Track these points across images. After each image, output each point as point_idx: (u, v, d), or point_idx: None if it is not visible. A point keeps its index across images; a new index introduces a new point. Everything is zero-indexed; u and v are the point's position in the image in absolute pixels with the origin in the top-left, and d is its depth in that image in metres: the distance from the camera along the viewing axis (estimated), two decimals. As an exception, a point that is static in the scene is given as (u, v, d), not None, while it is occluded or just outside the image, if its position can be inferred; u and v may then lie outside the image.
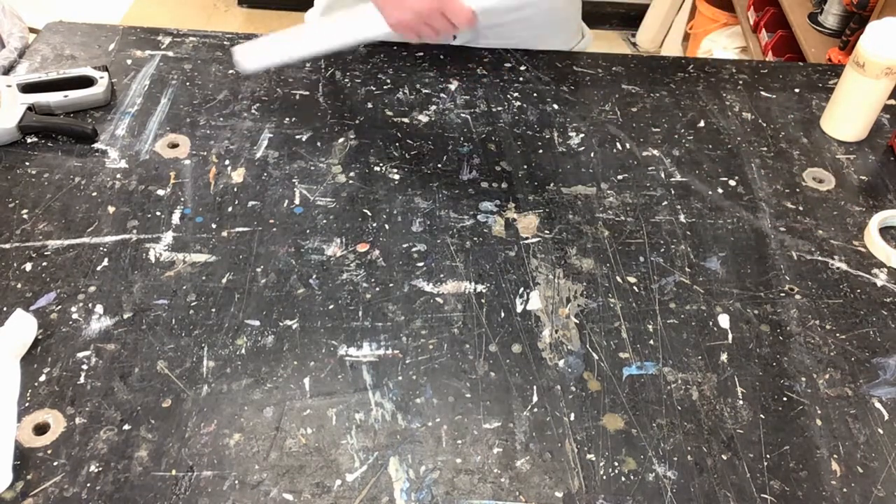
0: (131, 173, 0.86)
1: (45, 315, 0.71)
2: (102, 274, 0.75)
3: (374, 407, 0.67)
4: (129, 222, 0.80)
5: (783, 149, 0.97)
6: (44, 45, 1.03)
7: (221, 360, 0.69)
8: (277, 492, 0.60)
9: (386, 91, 1.00)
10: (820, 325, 0.76)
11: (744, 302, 0.78)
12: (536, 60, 1.08)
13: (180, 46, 1.05)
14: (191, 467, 0.61)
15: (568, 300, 0.77)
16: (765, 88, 1.07)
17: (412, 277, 0.77)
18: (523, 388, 0.69)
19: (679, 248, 0.83)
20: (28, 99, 0.89)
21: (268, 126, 0.93)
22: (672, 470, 0.64)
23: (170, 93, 0.97)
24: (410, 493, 0.61)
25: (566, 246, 0.82)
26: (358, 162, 0.90)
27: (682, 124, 1.00)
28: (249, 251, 0.78)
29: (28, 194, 0.82)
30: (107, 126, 0.91)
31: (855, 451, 0.66)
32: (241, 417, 0.65)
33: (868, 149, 0.98)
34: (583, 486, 0.62)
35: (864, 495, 0.63)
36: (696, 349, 0.73)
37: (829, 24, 2.04)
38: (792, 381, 0.71)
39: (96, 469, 0.61)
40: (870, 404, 0.70)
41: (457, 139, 0.94)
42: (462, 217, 0.84)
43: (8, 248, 0.76)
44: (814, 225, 0.87)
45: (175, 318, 0.72)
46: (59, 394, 0.65)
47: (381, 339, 0.72)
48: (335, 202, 0.85)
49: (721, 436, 0.66)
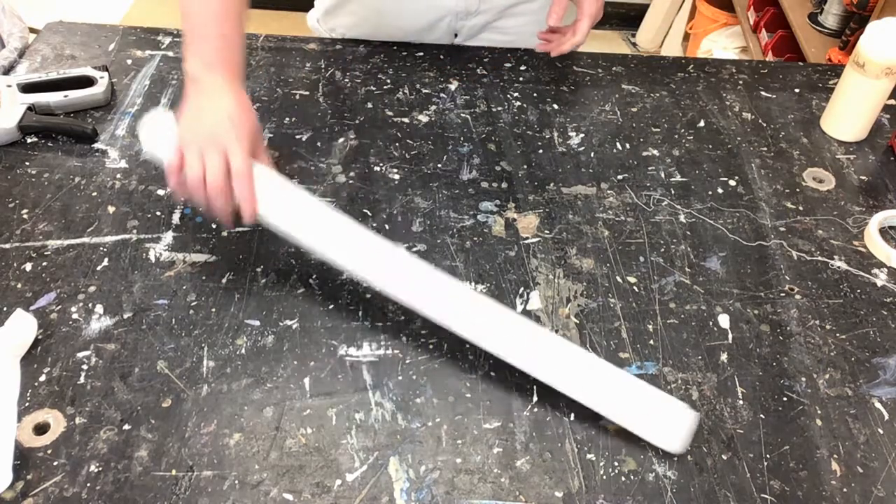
0: (131, 173, 0.86)
1: (45, 315, 0.71)
2: (102, 274, 0.75)
3: (374, 407, 0.67)
4: (129, 222, 0.80)
5: (783, 149, 0.97)
6: (44, 45, 1.03)
7: (221, 360, 0.69)
8: (277, 492, 0.60)
9: (386, 91, 1.00)
10: (820, 325, 0.76)
11: (744, 302, 0.78)
12: (536, 60, 1.08)
13: (180, 46, 1.05)
14: (191, 467, 0.61)
15: (568, 300, 0.77)
16: (765, 88, 1.07)
17: (412, 277, 0.77)
18: (523, 388, 0.69)
19: (679, 248, 0.83)
20: (28, 99, 0.89)
21: (268, 126, 0.93)
22: (672, 470, 0.64)
23: (170, 93, 0.97)
24: (410, 493, 0.61)
25: (566, 246, 0.82)
26: (358, 162, 0.90)
27: (682, 124, 1.00)
28: (249, 251, 0.78)
29: (28, 194, 0.82)
30: (107, 126, 0.91)
31: (855, 451, 0.66)
32: (241, 417, 0.65)
33: (868, 149, 0.98)
34: (583, 485, 0.62)
35: (864, 495, 0.63)
36: (696, 349, 0.73)
37: (829, 24, 2.04)
38: (792, 381, 0.71)
39: (96, 469, 0.61)
40: (870, 404, 0.70)
41: (457, 139, 0.94)
42: (462, 217, 0.84)
43: (8, 248, 0.76)
44: (814, 225, 0.87)
45: (175, 318, 0.72)
46: (59, 394, 0.65)
47: (381, 339, 0.72)
48: (335, 202, 0.85)
49: (721, 436, 0.66)
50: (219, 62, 0.72)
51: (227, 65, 0.72)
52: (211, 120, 0.69)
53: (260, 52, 1.05)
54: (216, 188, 0.67)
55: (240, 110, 0.70)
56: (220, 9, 0.73)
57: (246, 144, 0.69)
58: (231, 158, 0.68)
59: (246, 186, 0.68)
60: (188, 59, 0.72)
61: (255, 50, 1.05)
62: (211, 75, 0.71)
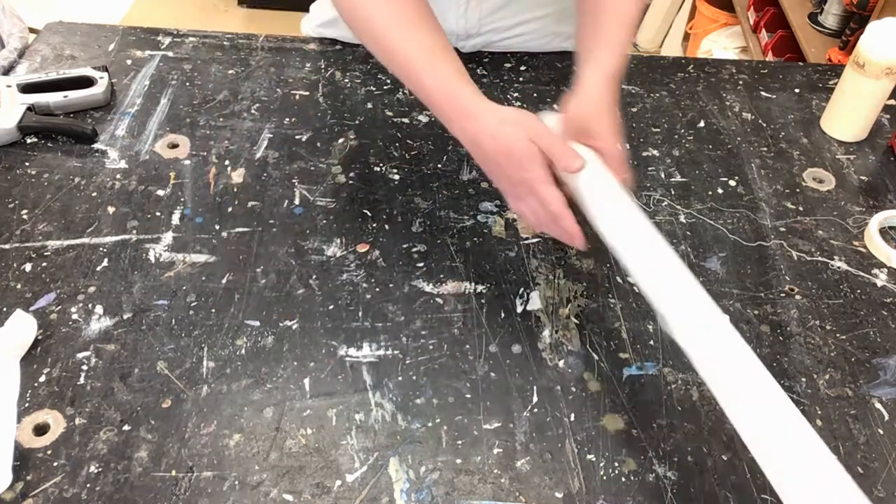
0: (131, 173, 0.86)
1: (45, 315, 0.71)
2: (102, 274, 0.75)
3: (374, 407, 0.67)
4: (129, 222, 0.80)
5: (783, 149, 0.97)
6: (44, 45, 1.03)
7: (221, 361, 0.69)
8: (277, 492, 0.60)
9: (386, 91, 1.00)
10: (820, 326, 0.76)
11: (744, 302, 0.78)
12: (536, 60, 1.08)
13: (180, 46, 1.05)
14: (191, 468, 0.61)
15: (568, 300, 0.77)
16: (765, 88, 1.07)
17: (412, 278, 0.77)
18: (523, 388, 0.69)
19: (679, 248, 0.83)
20: (28, 99, 0.89)
21: (268, 126, 0.93)
22: (672, 470, 0.64)
23: (170, 93, 0.97)
24: (410, 494, 0.61)
25: (566, 246, 0.82)
26: (358, 162, 0.90)
27: (682, 124, 1.00)
28: (249, 251, 0.78)
29: (28, 194, 0.82)
30: (107, 126, 0.91)
31: (855, 451, 0.66)
32: (240, 418, 0.65)
33: (868, 149, 0.98)
34: (583, 486, 0.62)
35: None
36: (696, 349, 0.73)
37: (829, 24, 2.04)
38: (792, 382, 0.71)
39: (96, 469, 0.61)
40: (870, 405, 0.70)
41: (457, 139, 0.94)
42: (462, 217, 0.84)
43: (8, 248, 0.76)
44: (814, 225, 0.87)
45: (175, 318, 0.72)
46: (58, 394, 0.65)
47: (381, 340, 0.72)
48: (335, 202, 0.84)
49: (721, 436, 0.66)
50: (466, 82, 0.69)
51: (469, 83, 0.69)
52: (503, 164, 0.67)
53: (260, 52, 1.05)
54: (549, 229, 0.69)
55: (514, 128, 0.66)
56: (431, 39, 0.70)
57: (541, 170, 0.66)
58: (541, 199, 0.66)
59: (563, 228, 0.67)
60: (459, 97, 0.68)
61: (255, 50, 1.05)
62: (478, 101, 0.68)
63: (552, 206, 0.66)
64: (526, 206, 0.68)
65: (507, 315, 0.75)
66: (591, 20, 0.77)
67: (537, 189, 0.66)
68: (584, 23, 0.78)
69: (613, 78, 0.72)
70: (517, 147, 0.66)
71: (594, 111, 0.71)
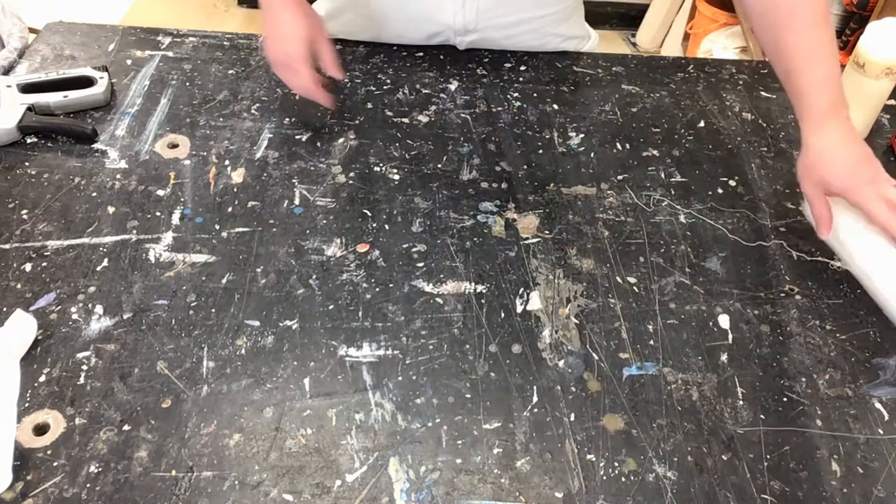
0: (131, 173, 0.86)
1: (45, 315, 0.71)
2: (102, 274, 0.75)
3: (374, 407, 0.67)
4: (129, 222, 0.80)
5: (783, 149, 0.97)
6: (44, 45, 1.03)
7: (221, 361, 0.69)
8: (277, 492, 0.60)
9: (386, 91, 1.00)
10: (820, 326, 0.76)
11: (744, 302, 0.78)
12: (536, 60, 1.08)
13: (180, 46, 1.05)
14: (191, 468, 0.61)
15: (568, 300, 0.77)
16: (765, 88, 1.07)
17: (412, 278, 0.77)
18: (523, 388, 0.69)
19: (679, 248, 0.83)
20: (28, 99, 0.89)
21: (268, 126, 0.93)
22: (672, 470, 0.64)
23: (170, 93, 0.97)
24: (410, 494, 0.61)
25: (566, 246, 0.82)
26: (358, 162, 0.90)
27: (682, 124, 1.00)
28: (249, 251, 0.78)
29: (28, 194, 0.82)
30: (107, 126, 0.91)
31: (855, 451, 0.66)
32: (240, 418, 0.65)
33: (868, 149, 0.98)
34: (583, 486, 0.62)
35: (864, 495, 0.63)
36: (696, 349, 0.73)
37: (829, 24, 2.04)
38: (792, 382, 0.71)
39: (96, 469, 0.61)
40: (870, 405, 0.70)
41: (457, 139, 0.94)
42: (462, 217, 0.84)
43: (8, 248, 0.76)
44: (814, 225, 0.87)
45: (175, 318, 0.72)
46: (58, 394, 0.65)
47: (381, 340, 0.72)
48: (335, 202, 0.85)
49: (721, 436, 0.66)
50: None
51: None
52: (277, 46, 0.88)
53: (260, 52, 1.05)
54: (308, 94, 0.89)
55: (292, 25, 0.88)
56: None
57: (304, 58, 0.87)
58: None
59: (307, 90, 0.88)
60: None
61: (255, 50, 1.05)
62: None
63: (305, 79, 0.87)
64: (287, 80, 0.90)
65: (507, 315, 0.75)
66: (784, 31, 0.75)
67: (299, 68, 0.86)
68: (773, 39, 0.77)
69: (843, 120, 0.73)
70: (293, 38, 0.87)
71: (850, 185, 0.73)
